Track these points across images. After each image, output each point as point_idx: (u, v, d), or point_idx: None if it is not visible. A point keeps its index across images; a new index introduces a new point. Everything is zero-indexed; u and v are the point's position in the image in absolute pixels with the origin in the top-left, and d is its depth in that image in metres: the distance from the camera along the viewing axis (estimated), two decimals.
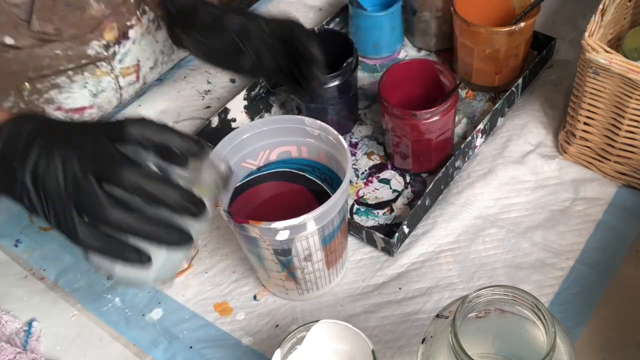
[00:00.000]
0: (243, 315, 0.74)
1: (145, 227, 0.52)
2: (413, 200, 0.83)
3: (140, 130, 0.54)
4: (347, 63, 0.82)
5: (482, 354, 0.55)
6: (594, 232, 0.76)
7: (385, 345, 0.70)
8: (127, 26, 0.88)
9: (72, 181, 0.52)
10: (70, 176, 0.52)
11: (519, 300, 0.51)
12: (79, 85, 0.87)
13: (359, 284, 0.75)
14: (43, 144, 0.54)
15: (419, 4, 0.95)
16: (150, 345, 0.72)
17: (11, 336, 0.73)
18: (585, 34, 0.72)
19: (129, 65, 0.91)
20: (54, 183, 0.52)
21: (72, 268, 0.79)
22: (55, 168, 0.52)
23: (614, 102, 0.74)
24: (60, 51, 0.83)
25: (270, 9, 1.10)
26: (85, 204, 0.52)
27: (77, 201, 0.52)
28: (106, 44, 0.86)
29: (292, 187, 0.72)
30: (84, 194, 0.52)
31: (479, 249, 0.76)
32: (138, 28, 0.89)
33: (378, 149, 0.89)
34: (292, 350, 0.60)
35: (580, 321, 0.69)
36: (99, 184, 0.52)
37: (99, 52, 0.86)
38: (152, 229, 0.53)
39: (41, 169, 0.53)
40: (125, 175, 0.52)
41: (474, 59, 0.90)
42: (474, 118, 0.91)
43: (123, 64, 0.90)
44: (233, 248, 0.79)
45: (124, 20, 0.87)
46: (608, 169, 0.80)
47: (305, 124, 0.69)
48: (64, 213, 0.52)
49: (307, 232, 0.63)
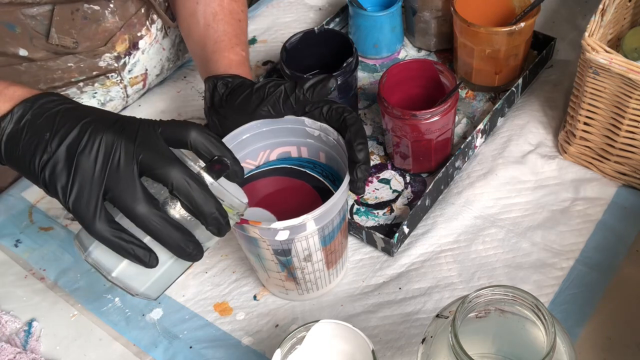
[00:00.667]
0: (243, 315, 0.74)
1: (168, 229, 0.53)
2: (413, 200, 0.83)
3: (203, 138, 0.56)
4: (347, 63, 0.82)
5: (482, 354, 0.55)
6: (594, 232, 0.76)
7: (385, 345, 0.70)
8: (137, 37, 0.88)
9: (111, 165, 0.52)
10: (110, 160, 0.52)
11: (519, 300, 0.51)
12: (88, 95, 0.87)
13: (359, 284, 0.75)
14: (86, 122, 0.54)
15: (419, 4, 0.95)
16: (150, 345, 0.72)
17: (11, 336, 0.73)
18: (585, 34, 0.72)
19: (137, 74, 0.91)
20: (90, 163, 0.52)
21: (72, 268, 0.79)
22: (95, 148, 0.53)
23: (614, 102, 0.74)
24: (73, 64, 0.83)
25: (270, 8, 1.10)
26: (118, 190, 0.52)
27: (108, 186, 0.52)
28: (117, 55, 0.86)
29: (294, 182, 0.71)
30: (120, 181, 0.52)
31: (479, 249, 0.76)
32: (147, 38, 0.89)
33: (378, 149, 0.89)
34: (292, 350, 0.60)
35: (580, 321, 0.69)
36: (139, 175, 0.53)
37: (110, 64, 0.86)
38: (174, 234, 0.53)
39: (80, 146, 0.53)
40: (175, 174, 0.53)
41: (474, 59, 0.90)
42: (474, 118, 0.91)
43: (132, 74, 0.90)
44: (233, 248, 0.79)
45: (135, 32, 0.87)
46: (608, 169, 0.80)
47: (305, 124, 0.69)
48: (90, 194, 0.52)
49: (307, 232, 0.63)
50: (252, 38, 1.05)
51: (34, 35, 0.79)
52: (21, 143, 0.55)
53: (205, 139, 0.56)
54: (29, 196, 0.87)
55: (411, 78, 0.84)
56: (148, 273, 0.56)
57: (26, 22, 0.78)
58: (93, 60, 0.84)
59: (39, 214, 0.85)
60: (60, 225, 0.84)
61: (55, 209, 0.85)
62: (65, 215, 0.84)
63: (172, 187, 0.53)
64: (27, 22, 0.78)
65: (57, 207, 0.85)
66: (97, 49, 0.84)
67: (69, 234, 0.83)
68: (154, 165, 0.53)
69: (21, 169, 0.56)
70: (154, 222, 0.53)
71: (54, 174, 0.53)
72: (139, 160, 0.53)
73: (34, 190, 0.87)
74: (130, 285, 0.56)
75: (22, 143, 0.55)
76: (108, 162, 0.53)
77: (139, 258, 0.53)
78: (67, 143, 0.53)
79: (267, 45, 1.04)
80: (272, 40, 1.05)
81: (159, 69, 0.95)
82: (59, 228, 0.83)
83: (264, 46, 1.04)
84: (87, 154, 0.53)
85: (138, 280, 0.56)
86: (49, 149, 0.53)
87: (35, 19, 0.78)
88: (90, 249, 0.55)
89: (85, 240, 0.55)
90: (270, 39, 1.05)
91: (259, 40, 1.05)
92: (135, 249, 0.53)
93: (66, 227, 0.83)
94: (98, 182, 0.52)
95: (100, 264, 0.55)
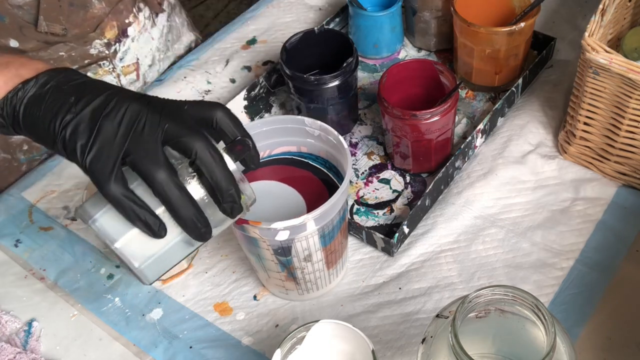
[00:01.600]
0: (243, 315, 0.74)
1: (184, 201, 0.53)
2: (413, 200, 0.83)
3: (229, 118, 0.56)
4: (347, 63, 0.82)
5: (482, 354, 0.55)
6: (594, 232, 0.76)
7: (385, 345, 0.70)
8: (125, 24, 0.88)
9: (135, 130, 0.52)
10: (134, 125, 0.52)
11: (519, 300, 0.51)
12: None
13: (359, 284, 0.75)
14: (112, 92, 0.54)
15: (419, 4, 0.95)
16: (150, 345, 0.72)
17: (11, 336, 0.73)
18: (585, 34, 0.72)
19: (129, 63, 0.91)
20: (114, 126, 0.52)
21: (72, 268, 0.79)
22: (121, 114, 0.53)
23: (614, 102, 0.74)
24: (64, 52, 0.84)
25: (270, 8, 1.10)
26: (139, 154, 0.52)
27: (129, 149, 0.52)
28: (107, 42, 0.87)
29: (300, 172, 0.71)
30: (143, 144, 0.52)
31: (479, 249, 0.76)
32: (135, 25, 0.90)
33: (378, 149, 0.89)
34: (292, 350, 0.60)
35: (580, 321, 0.69)
36: (162, 143, 0.53)
37: (101, 51, 0.86)
38: (190, 207, 0.53)
39: (105, 110, 0.53)
40: (200, 144, 0.53)
41: (474, 59, 0.90)
42: (474, 118, 0.91)
43: (124, 62, 0.91)
44: (233, 248, 0.79)
45: (123, 18, 0.88)
46: (608, 169, 0.80)
47: (305, 124, 0.69)
48: (109, 154, 0.52)
49: (307, 232, 0.63)
50: (252, 38, 1.05)
51: (23, 25, 0.79)
52: (44, 104, 0.54)
53: (231, 120, 0.57)
54: (29, 196, 0.87)
55: (411, 78, 0.84)
56: (151, 248, 0.55)
57: (13, 11, 0.78)
58: (84, 48, 0.85)
59: (39, 214, 0.85)
60: (60, 225, 0.84)
61: (55, 209, 0.85)
62: (65, 215, 0.84)
63: (195, 157, 0.53)
64: (15, 12, 0.78)
65: (57, 207, 0.85)
66: (87, 36, 0.84)
67: (69, 234, 0.83)
68: (179, 133, 0.53)
69: (38, 130, 0.55)
70: (172, 190, 0.52)
71: (76, 133, 0.52)
72: (164, 129, 0.53)
73: (34, 190, 0.87)
74: (132, 257, 0.54)
75: (44, 104, 0.54)
76: (132, 127, 0.52)
77: (148, 225, 0.52)
78: (93, 106, 0.53)
79: (267, 45, 1.04)
80: (272, 40, 1.05)
81: (150, 59, 0.96)
82: (59, 228, 0.83)
83: (264, 46, 1.04)
84: (111, 118, 0.53)
85: (140, 254, 0.54)
86: (74, 109, 0.53)
87: (22, 8, 0.78)
88: (96, 216, 0.54)
89: (91, 209, 0.54)
90: (270, 39, 1.05)
91: (259, 41, 1.05)
92: (147, 215, 0.52)
93: (66, 227, 0.83)
94: (119, 144, 0.52)
95: (105, 231, 0.54)
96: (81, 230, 0.83)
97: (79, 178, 0.87)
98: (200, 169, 0.53)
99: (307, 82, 0.82)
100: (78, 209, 0.55)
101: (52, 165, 0.90)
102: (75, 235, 0.82)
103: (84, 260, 0.80)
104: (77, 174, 0.88)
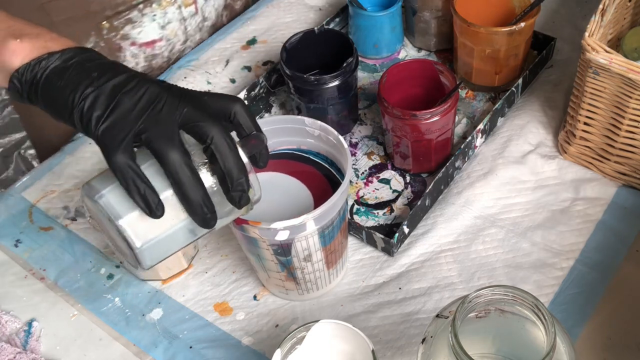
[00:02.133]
0: (243, 315, 0.74)
1: (194, 183, 0.53)
2: (413, 200, 0.83)
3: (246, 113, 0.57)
4: (347, 63, 0.82)
5: (482, 354, 0.55)
6: (594, 232, 0.76)
7: (385, 345, 0.70)
8: None
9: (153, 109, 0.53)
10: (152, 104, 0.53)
11: (519, 300, 0.51)
12: (148, 18, 0.93)
13: (359, 284, 0.75)
14: (134, 73, 0.55)
15: (419, 4, 0.95)
16: (150, 345, 0.72)
17: (11, 336, 0.73)
18: (585, 34, 0.72)
19: None
20: (132, 102, 0.53)
21: (72, 268, 0.79)
22: (140, 93, 0.53)
23: (614, 102, 0.74)
24: None
25: (270, 9, 1.10)
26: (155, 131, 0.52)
27: (145, 126, 0.52)
28: None
29: (303, 166, 0.71)
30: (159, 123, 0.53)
31: (479, 249, 0.76)
32: None
33: (378, 149, 0.89)
34: (292, 350, 0.60)
35: (580, 321, 0.69)
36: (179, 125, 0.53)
37: None
38: (199, 190, 0.53)
39: (127, 87, 0.54)
40: (217, 130, 0.53)
41: (474, 59, 0.90)
42: (474, 118, 0.91)
43: None
44: (233, 248, 0.79)
45: None
46: (608, 169, 0.80)
47: (305, 124, 0.69)
48: (122, 127, 0.52)
49: (307, 232, 0.63)
50: (252, 38, 1.05)
51: None
52: (66, 75, 0.55)
53: (248, 115, 0.58)
54: (29, 196, 0.87)
55: (411, 78, 0.84)
56: (154, 231, 0.54)
57: None
58: None
59: (39, 214, 0.85)
60: (60, 225, 0.84)
61: (55, 209, 0.85)
62: (65, 215, 0.84)
63: (210, 142, 0.53)
64: None
65: (57, 207, 0.85)
66: None
67: (69, 234, 0.83)
68: (196, 118, 0.53)
69: (56, 100, 0.55)
70: (184, 170, 0.52)
71: (94, 105, 0.53)
72: (183, 113, 0.54)
73: (34, 190, 0.87)
74: (135, 236, 0.54)
75: (67, 75, 0.55)
76: (150, 105, 0.53)
77: (146, 201, 0.52)
78: (114, 82, 0.54)
79: (267, 45, 1.04)
80: (272, 40, 1.05)
81: None
82: (59, 228, 0.83)
83: (264, 46, 1.04)
84: (131, 95, 0.53)
85: (143, 235, 0.54)
86: (96, 83, 0.54)
87: None
88: (103, 192, 0.53)
89: (99, 185, 0.54)
90: (270, 39, 1.05)
91: (259, 41, 1.05)
92: (146, 190, 0.52)
93: (66, 227, 0.83)
94: (134, 118, 0.53)
95: (110, 207, 0.53)
96: (81, 230, 0.83)
97: (79, 178, 0.87)
98: (213, 156, 0.54)
99: (307, 82, 0.82)
100: (84, 186, 0.55)
101: (52, 165, 0.90)
102: (75, 235, 0.82)
103: (84, 260, 0.80)
104: (77, 174, 0.88)
